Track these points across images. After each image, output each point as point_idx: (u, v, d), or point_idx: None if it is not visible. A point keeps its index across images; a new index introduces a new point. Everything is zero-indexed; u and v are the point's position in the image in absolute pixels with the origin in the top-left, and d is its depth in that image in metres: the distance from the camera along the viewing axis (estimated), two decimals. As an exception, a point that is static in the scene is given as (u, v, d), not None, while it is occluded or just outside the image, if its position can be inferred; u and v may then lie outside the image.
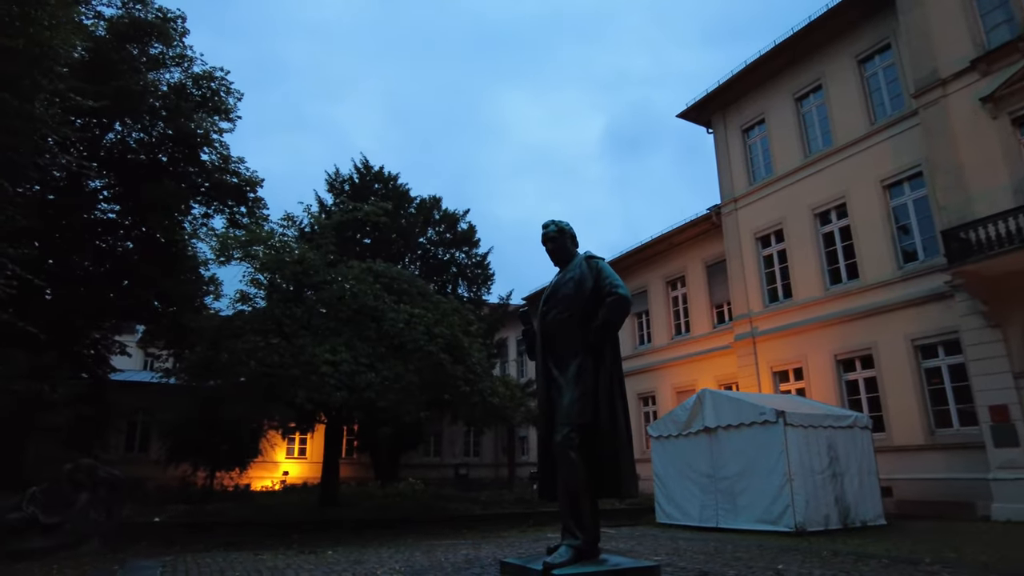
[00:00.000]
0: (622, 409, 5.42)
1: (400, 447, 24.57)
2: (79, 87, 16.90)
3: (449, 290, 26.46)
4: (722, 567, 5.55)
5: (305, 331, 11.74)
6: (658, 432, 14.34)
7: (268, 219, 24.82)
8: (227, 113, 24.61)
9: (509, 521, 12.99)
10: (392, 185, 26.07)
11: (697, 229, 21.60)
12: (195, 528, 10.60)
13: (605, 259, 5.87)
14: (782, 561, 5.99)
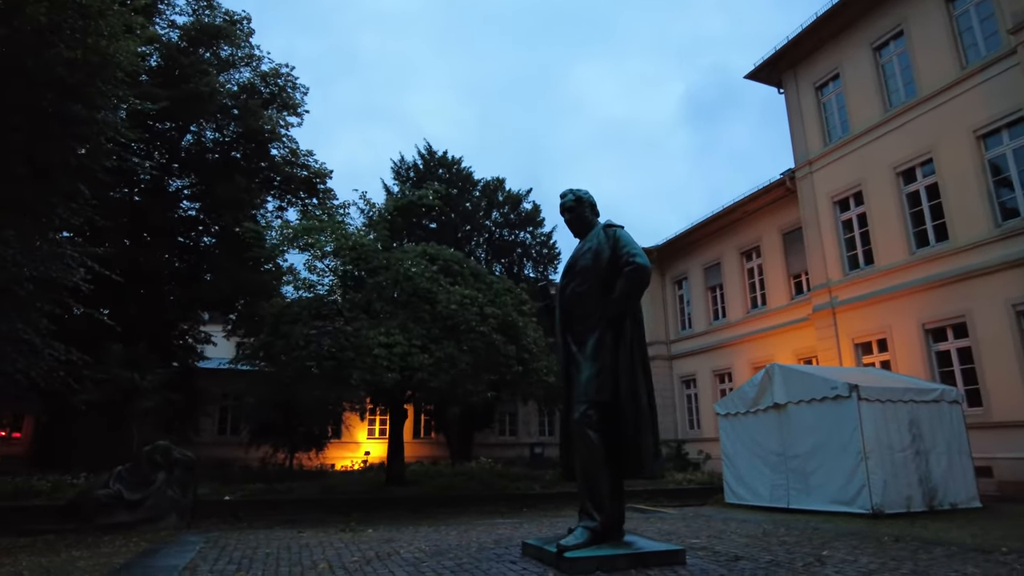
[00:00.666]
0: (644, 385, 5.15)
1: (472, 427, 24.88)
2: (152, 92, 17.94)
3: (515, 271, 26.43)
4: (760, 552, 5.19)
5: (364, 314, 12.00)
6: (726, 409, 13.76)
7: (335, 209, 25.71)
8: (295, 108, 25.49)
9: (569, 500, 12.86)
10: (456, 169, 26.22)
11: (771, 196, 20.45)
12: (261, 506, 11.13)
13: (624, 227, 5.56)
14: (832, 546, 5.54)
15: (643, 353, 5.29)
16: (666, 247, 24.79)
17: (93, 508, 10.12)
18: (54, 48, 8.96)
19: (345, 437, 29.34)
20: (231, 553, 5.60)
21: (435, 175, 25.81)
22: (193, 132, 22.77)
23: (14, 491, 11.78)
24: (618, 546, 4.72)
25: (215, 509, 10.83)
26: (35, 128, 9.44)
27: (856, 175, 16.92)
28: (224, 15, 22.99)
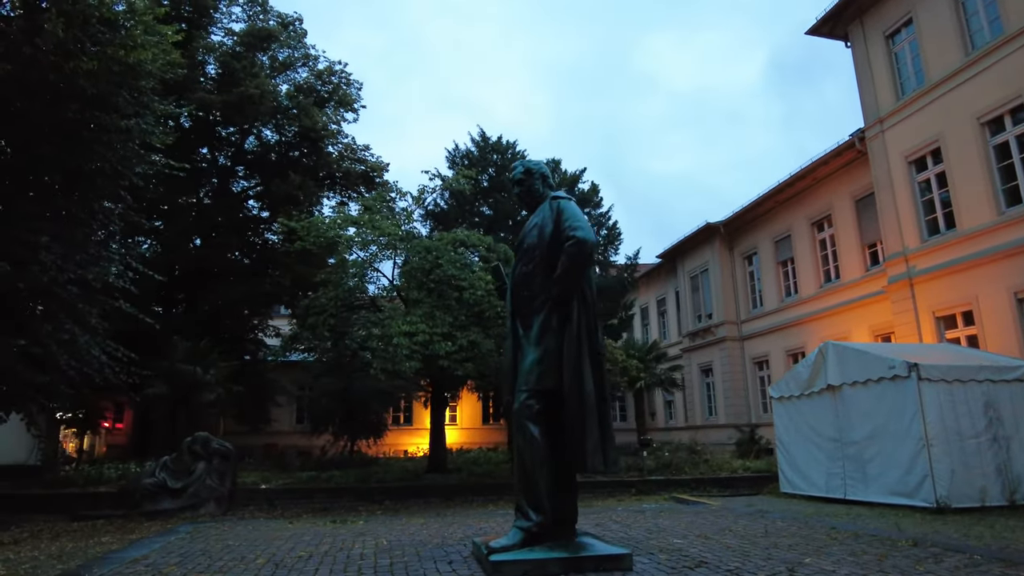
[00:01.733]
0: (593, 371, 4.69)
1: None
2: (207, 98, 18.72)
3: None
4: (734, 557, 4.62)
5: (389, 304, 12.03)
6: (779, 392, 12.79)
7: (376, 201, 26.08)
8: (350, 104, 26.02)
9: (609, 490, 12.41)
10: (510, 153, 25.88)
11: (841, 159, 18.82)
12: (296, 494, 11.43)
13: (572, 198, 5.08)
14: (828, 552, 4.87)
15: (593, 338, 4.82)
16: (733, 221, 23.43)
17: (140, 495, 10.74)
18: (73, 60, 9.38)
19: (416, 424, 30.05)
20: (195, 545, 5.67)
21: (488, 161, 25.60)
22: (255, 134, 23.74)
23: (85, 479, 12.71)
24: (554, 548, 4.32)
25: (252, 497, 11.20)
26: (65, 138, 9.97)
27: (933, 130, 15.18)
28: (277, 17, 23.73)
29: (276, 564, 4.68)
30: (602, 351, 4.90)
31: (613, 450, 4.76)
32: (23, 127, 9.59)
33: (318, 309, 11.83)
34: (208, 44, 20.57)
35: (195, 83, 19.64)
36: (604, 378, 4.83)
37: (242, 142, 23.67)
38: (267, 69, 23.88)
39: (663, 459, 14.71)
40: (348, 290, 12.26)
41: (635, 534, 5.98)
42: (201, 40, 20.23)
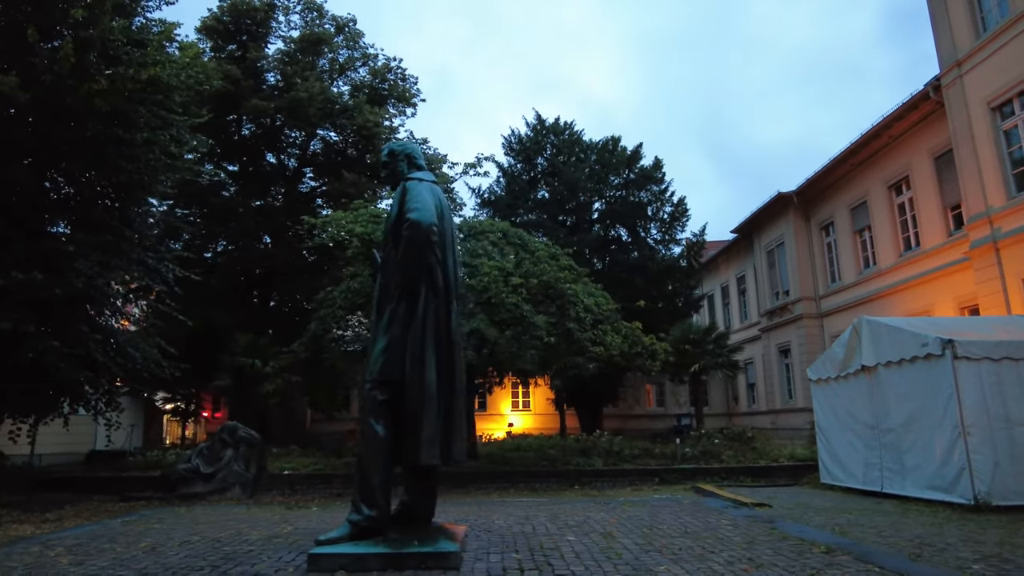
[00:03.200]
0: (437, 359, 4.49)
1: (599, 399, 24.20)
2: (260, 105, 19.75)
3: (642, 234, 24.97)
4: (597, 565, 4.26)
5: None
6: (816, 374, 11.71)
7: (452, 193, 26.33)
8: (409, 100, 26.59)
9: (630, 479, 11.92)
10: (567, 134, 25.38)
11: (917, 113, 16.82)
12: (315, 479, 11.92)
13: (424, 178, 4.85)
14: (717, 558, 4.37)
15: (440, 326, 4.58)
16: (807, 189, 21.64)
17: (176, 480, 11.63)
18: (87, 82, 10.21)
19: (490, 409, 30.45)
20: (126, 528, 6.06)
21: (542, 145, 25.22)
22: (319, 136, 24.83)
23: (147, 464, 13.97)
24: (380, 543, 4.17)
25: (276, 482, 11.82)
26: (90, 155, 10.90)
27: (1021, 68, 13.17)
28: (332, 21, 24.61)
29: (153, 548, 4.89)
30: (456, 340, 4.67)
31: (460, 442, 4.53)
32: (50, 146, 10.58)
33: (329, 303, 12.24)
34: (263, 54, 21.68)
35: (254, 91, 20.77)
36: (455, 368, 4.60)
37: (307, 145, 24.83)
38: (326, 72, 24.89)
39: (705, 446, 13.91)
40: (362, 283, 12.54)
41: (534, 529, 5.67)
42: (256, 51, 21.36)
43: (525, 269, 12.20)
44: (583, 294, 12.64)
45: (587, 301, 12.61)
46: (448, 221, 4.89)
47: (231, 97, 20.29)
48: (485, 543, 4.97)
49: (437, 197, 4.78)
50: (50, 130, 10.31)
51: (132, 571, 4.13)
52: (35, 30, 10.00)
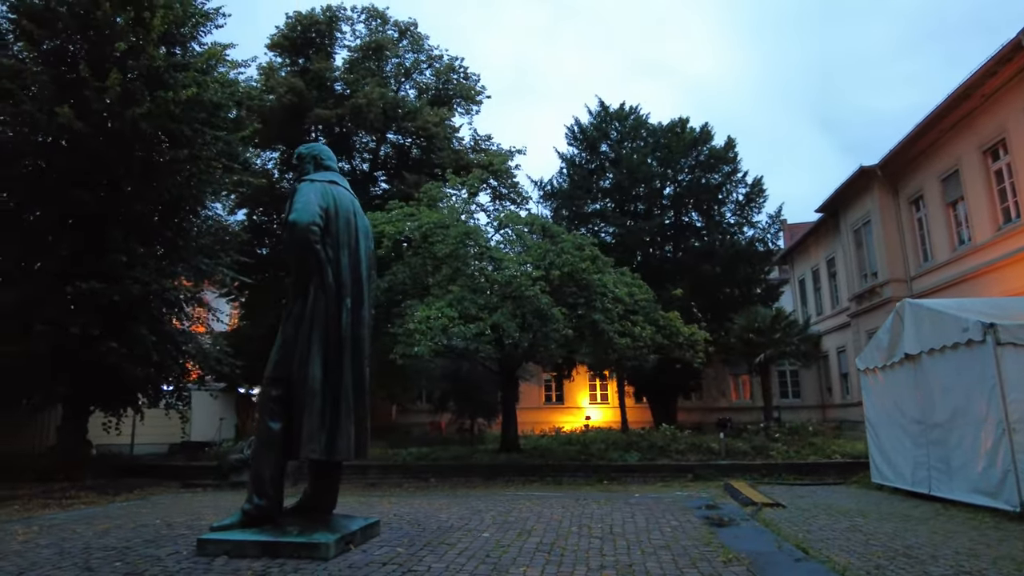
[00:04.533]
0: (323, 357, 4.60)
1: (673, 392, 23.40)
2: (323, 114, 20.71)
3: (716, 218, 23.83)
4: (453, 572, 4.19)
5: (425, 289, 12.49)
6: (863, 364, 10.77)
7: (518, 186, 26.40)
8: (473, 98, 26.97)
9: (663, 474, 11.47)
10: (631, 119, 24.66)
11: (1012, 66, 14.84)
12: (350, 469, 12.40)
13: (319, 179, 4.95)
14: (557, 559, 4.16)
15: (329, 324, 4.66)
16: (892, 160, 19.69)
17: (228, 469, 12.59)
18: (131, 107, 11.24)
19: (567, 402, 30.28)
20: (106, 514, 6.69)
21: (608, 130, 24.61)
22: (387, 140, 25.73)
23: (215, 454, 15.18)
24: (264, 532, 4.35)
25: (318, 471, 12.45)
26: (141, 173, 11.98)
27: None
28: (394, 27, 25.38)
29: (105, 532, 5.38)
30: (346, 337, 4.73)
31: (345, 438, 4.59)
32: (105, 168, 11.73)
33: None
34: (327, 64, 22.72)
35: (319, 101, 21.85)
36: (343, 366, 4.67)
37: (378, 149, 25.79)
38: (392, 77, 25.73)
39: (755, 441, 13.09)
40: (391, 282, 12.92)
41: (466, 524, 5.63)
42: (320, 61, 22.44)
43: (549, 261, 12.05)
44: (613, 284, 12.30)
45: (618, 291, 12.25)
46: (346, 220, 4.94)
47: (298, 108, 21.49)
48: (397, 535, 5.04)
49: (331, 197, 4.85)
50: (104, 154, 11.44)
51: (54, 550, 4.59)
52: (87, 65, 11.12)
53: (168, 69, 12.01)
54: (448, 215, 13.46)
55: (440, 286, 11.97)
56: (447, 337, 11.09)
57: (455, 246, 12.49)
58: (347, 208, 4.99)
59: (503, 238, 13.58)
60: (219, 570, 3.92)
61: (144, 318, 12.07)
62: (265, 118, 22.45)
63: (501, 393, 14.73)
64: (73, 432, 12.89)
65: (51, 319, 10.94)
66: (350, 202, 5.07)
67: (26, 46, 11.77)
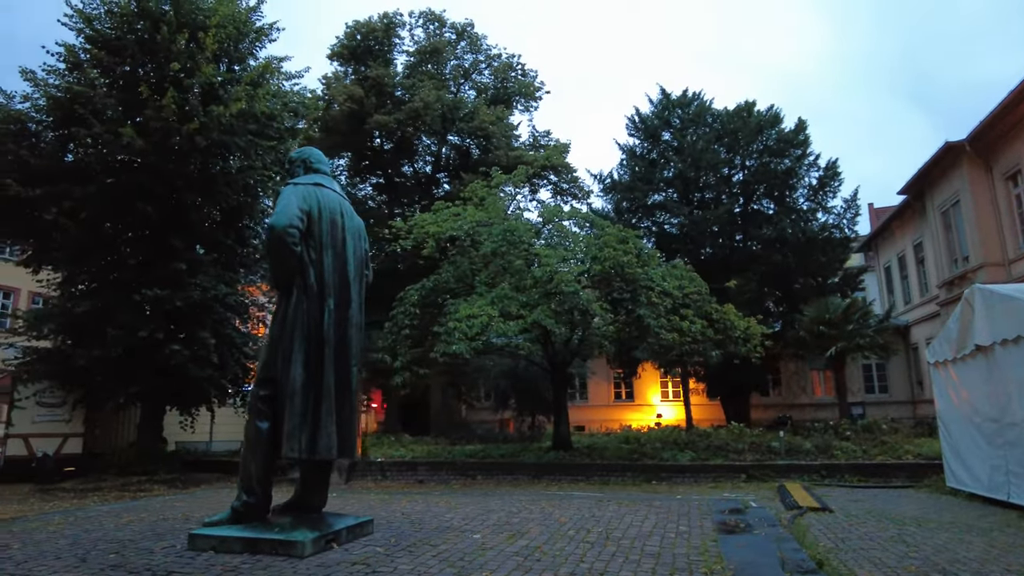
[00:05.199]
0: (305, 357, 4.66)
1: (745, 389, 22.40)
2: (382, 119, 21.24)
3: (788, 203, 22.60)
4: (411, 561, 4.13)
5: (470, 288, 12.52)
6: (934, 356, 9.86)
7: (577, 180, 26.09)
8: (533, 94, 26.92)
9: (716, 473, 10.94)
10: (695, 106, 23.78)
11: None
12: (401, 466, 12.63)
13: (303, 182, 5.02)
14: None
15: (311, 324, 4.70)
16: (982, 134, 17.97)
17: (285, 465, 13.07)
18: (186, 123, 11.90)
19: (638, 399, 29.61)
20: (137, 507, 7.06)
21: (670, 119, 23.80)
22: (448, 142, 26.05)
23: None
24: (245, 529, 4.45)
25: (370, 468, 12.77)
26: (197, 185, 12.66)
27: None
28: (451, 28, 25.66)
29: (127, 523, 5.69)
30: (328, 337, 4.75)
31: (326, 437, 4.62)
32: (166, 182, 12.47)
33: (406, 300, 12.88)
34: (384, 71, 23.23)
35: (377, 107, 22.41)
36: (324, 366, 4.70)
37: (439, 151, 26.17)
38: (452, 79, 26.04)
39: (820, 439, 12.24)
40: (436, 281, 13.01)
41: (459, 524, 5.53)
42: (378, 68, 22.98)
43: (592, 255, 11.77)
44: (661, 278, 11.86)
45: (666, 284, 11.81)
46: (331, 221, 4.97)
47: (358, 115, 22.12)
48: (387, 534, 5.06)
49: (314, 199, 4.89)
50: (164, 168, 12.17)
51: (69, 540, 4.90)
52: (146, 86, 11.87)
53: (221, 84, 12.62)
54: (492, 212, 13.43)
55: (484, 284, 11.96)
56: (487, 335, 11.05)
57: (497, 244, 12.45)
58: (333, 210, 5.02)
59: (548, 234, 13.39)
60: (200, 564, 4.04)
61: (207, 322, 12.75)
62: (328, 127, 23.29)
63: (552, 391, 14.55)
64: (150, 430, 13.82)
65: (122, 324, 11.74)
66: (337, 203, 5.11)
67: (98, 75, 12.68)
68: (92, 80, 12.60)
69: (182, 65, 11.99)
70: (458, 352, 10.75)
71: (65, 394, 13.38)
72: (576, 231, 13.42)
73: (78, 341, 12.19)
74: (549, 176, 26.49)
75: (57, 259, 12.76)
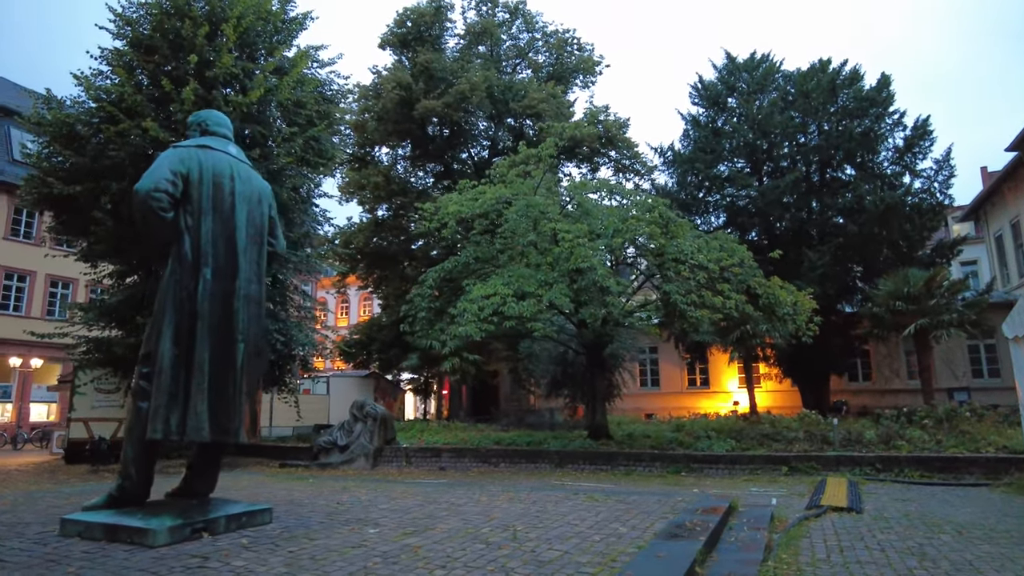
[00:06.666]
0: (176, 332, 4.30)
1: (823, 372, 20.47)
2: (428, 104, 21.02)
3: (870, 167, 20.35)
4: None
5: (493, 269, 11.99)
6: (1013, 330, 8.28)
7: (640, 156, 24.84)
8: (592, 68, 25.90)
9: (754, 465, 9.81)
10: (762, 68, 21.87)
11: None
12: (426, 452, 12.29)
13: (184, 144, 4.65)
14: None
15: (184, 297, 4.31)
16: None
17: (317, 450, 13.13)
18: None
19: (713, 386, 27.94)
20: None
21: (735, 85, 21.97)
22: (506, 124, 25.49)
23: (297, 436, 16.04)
24: (115, 515, 4.16)
25: (396, 455, 12.55)
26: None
27: None
28: (504, 7, 25.00)
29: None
30: (201, 309, 4.35)
31: (194, 417, 4.22)
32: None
33: (424, 283, 12.47)
34: (432, 55, 22.88)
35: (425, 93, 22.17)
36: (195, 342, 4.32)
37: (496, 134, 25.67)
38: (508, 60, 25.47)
39: (883, 429, 10.68)
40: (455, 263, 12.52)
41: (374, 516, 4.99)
42: (426, 53, 22.70)
43: (614, 229, 10.86)
44: (697, 249, 10.74)
45: (701, 257, 10.68)
46: (214, 185, 4.57)
47: (407, 102, 21.99)
48: (280, 526, 4.65)
49: (195, 161, 4.52)
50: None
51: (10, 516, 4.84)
52: (168, 80, 12.12)
53: (246, 75, 12.71)
54: (516, 189, 12.80)
55: (502, 264, 11.39)
56: (499, 317, 10.44)
57: (517, 221, 11.82)
58: (219, 172, 4.62)
59: (573, 209, 12.57)
60: (39, 554, 3.76)
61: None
62: (380, 116, 23.36)
63: (589, 375, 13.74)
64: (196, 415, 14.28)
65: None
66: (227, 166, 4.70)
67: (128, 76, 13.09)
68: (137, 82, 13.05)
69: (203, 58, 12.14)
70: (468, 335, 10.25)
71: (119, 380, 14.05)
72: (606, 203, 12.49)
73: (117, 330, 12.74)
74: (609, 153, 25.38)
75: (102, 252, 13.37)
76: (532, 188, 13.15)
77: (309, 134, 13.72)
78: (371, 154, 25.44)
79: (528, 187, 13.20)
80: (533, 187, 13.21)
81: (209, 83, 12.47)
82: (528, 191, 12.92)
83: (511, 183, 13.12)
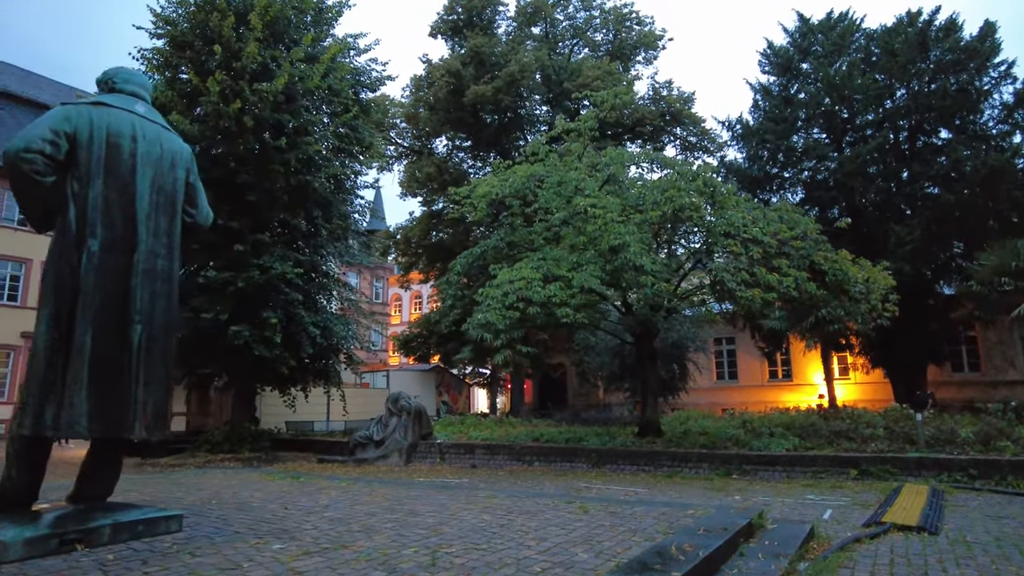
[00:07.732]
0: (55, 313, 3.75)
1: (918, 362, 18.24)
2: (479, 89, 20.41)
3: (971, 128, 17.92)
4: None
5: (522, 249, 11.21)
6: None
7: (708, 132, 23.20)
8: (652, 43, 24.53)
9: (817, 467, 8.47)
10: (839, 28, 19.75)
11: None
12: (459, 448, 11.61)
13: (73, 101, 4.12)
14: None
15: (64, 272, 3.74)
16: None
17: (354, 445, 12.76)
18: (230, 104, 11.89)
19: (797, 379, 25.80)
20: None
21: (809, 48, 19.91)
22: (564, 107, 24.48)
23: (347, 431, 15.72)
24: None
25: (430, 450, 11.97)
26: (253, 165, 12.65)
27: None
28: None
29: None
30: (83, 286, 3.76)
31: (69, 410, 3.63)
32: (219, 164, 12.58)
33: (452, 270, 11.80)
34: (482, 40, 22.16)
35: (476, 79, 21.53)
36: (75, 322, 3.74)
37: (552, 117, 24.71)
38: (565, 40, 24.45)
39: (983, 426, 8.94)
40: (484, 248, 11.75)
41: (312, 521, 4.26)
42: (475, 38, 22.03)
43: (652, 200, 9.73)
44: (751, 221, 9.43)
45: (756, 231, 9.37)
46: (110, 145, 3.98)
47: (457, 89, 21.43)
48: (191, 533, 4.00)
49: (86, 119, 3.93)
50: (218, 151, 12.31)
51: None
52: (194, 74, 12.06)
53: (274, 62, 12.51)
54: (549, 167, 11.91)
55: (536, 247, 10.57)
56: (523, 304, 9.59)
57: (548, 199, 10.93)
58: (118, 132, 4.04)
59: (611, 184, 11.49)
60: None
61: (277, 302, 12.73)
62: (432, 106, 22.93)
63: (640, 366, 12.59)
64: (242, 409, 14.30)
65: (192, 307, 12.05)
66: (129, 125, 4.12)
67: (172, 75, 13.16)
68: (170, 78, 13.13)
69: (231, 49, 12.01)
70: (489, 322, 9.48)
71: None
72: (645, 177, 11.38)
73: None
74: (674, 130, 23.87)
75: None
76: (570, 165, 12.19)
77: (343, 119, 13.34)
78: (428, 146, 25.11)
79: (566, 164, 12.26)
80: (571, 164, 12.25)
81: (237, 73, 12.32)
82: (563, 168, 11.98)
83: (545, 160, 12.23)
